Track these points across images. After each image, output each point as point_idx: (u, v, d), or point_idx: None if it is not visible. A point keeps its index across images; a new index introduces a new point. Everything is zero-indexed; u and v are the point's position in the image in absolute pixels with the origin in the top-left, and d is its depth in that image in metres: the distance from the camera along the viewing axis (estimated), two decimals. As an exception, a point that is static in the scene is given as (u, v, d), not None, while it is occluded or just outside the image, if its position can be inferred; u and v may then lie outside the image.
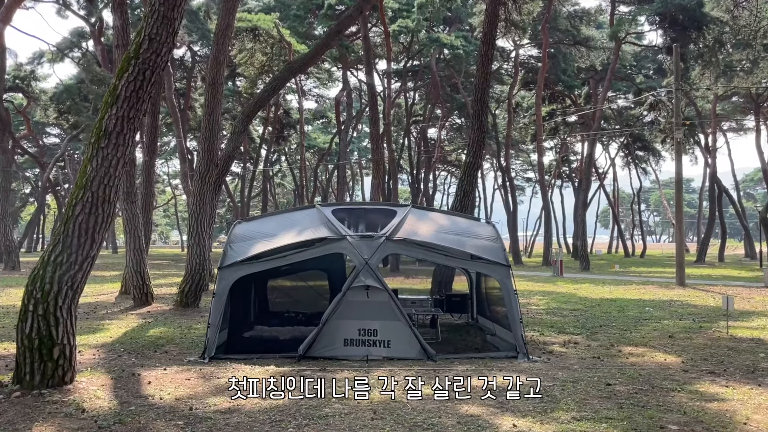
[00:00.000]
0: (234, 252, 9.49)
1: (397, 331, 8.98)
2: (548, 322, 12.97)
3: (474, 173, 15.05)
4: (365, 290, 9.01)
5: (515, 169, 75.59)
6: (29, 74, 44.83)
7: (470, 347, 9.95)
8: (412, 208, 10.59)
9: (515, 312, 9.19)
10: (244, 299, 10.83)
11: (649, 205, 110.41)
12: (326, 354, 8.87)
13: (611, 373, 8.02)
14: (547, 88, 47.39)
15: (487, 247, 9.62)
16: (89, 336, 10.95)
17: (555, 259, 31.87)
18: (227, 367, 8.26)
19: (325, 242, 9.35)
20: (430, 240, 9.63)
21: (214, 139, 15.72)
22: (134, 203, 15.74)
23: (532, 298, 18.27)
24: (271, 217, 11.10)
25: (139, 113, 7.24)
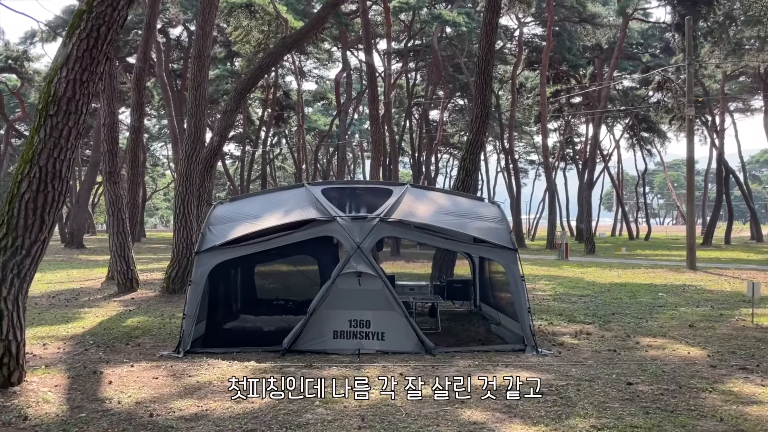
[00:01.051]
0: (213, 235, 8.62)
1: (392, 322, 8.12)
2: (556, 309, 12.12)
3: (477, 151, 14.14)
4: (357, 277, 8.15)
5: (518, 151, 74.49)
6: (22, 54, 43.80)
7: (473, 338, 9.11)
8: (410, 187, 9.70)
9: (522, 300, 8.33)
10: (228, 286, 9.99)
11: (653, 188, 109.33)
12: (314, 347, 8.02)
13: (631, 370, 7.16)
14: (551, 67, 46.23)
15: (492, 230, 8.73)
16: (60, 326, 10.12)
17: (559, 242, 31.00)
18: (202, 364, 7.42)
19: (314, 224, 8.48)
20: (428, 222, 8.75)
21: (200, 116, 14.80)
22: (117, 184, 14.85)
23: (537, 282, 17.42)
24: (256, 197, 10.23)
25: (94, 77, 6.33)
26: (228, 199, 9.94)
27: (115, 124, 14.76)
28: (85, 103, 6.33)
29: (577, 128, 61.59)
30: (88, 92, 6.33)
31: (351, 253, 8.21)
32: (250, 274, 11.06)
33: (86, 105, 6.36)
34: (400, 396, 6.14)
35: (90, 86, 6.32)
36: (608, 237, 66.01)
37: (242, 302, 10.79)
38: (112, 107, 14.72)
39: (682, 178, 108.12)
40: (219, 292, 9.36)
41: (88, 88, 6.31)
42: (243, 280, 10.97)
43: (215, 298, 8.82)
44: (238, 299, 10.83)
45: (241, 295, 10.92)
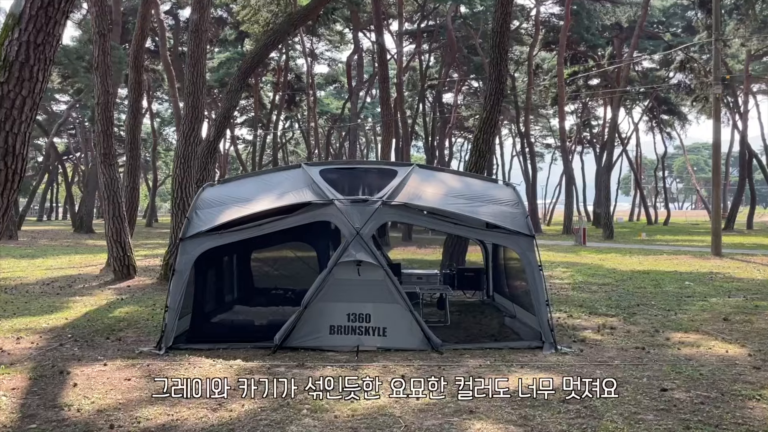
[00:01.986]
0: (199, 220, 7.87)
1: (395, 316, 7.34)
2: (576, 299, 11.27)
3: (490, 131, 13.25)
4: (356, 267, 7.37)
5: (534, 134, 73.18)
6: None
7: (485, 333, 8.30)
8: (417, 167, 8.87)
9: (540, 292, 7.51)
10: (219, 275, 9.25)
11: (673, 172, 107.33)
12: (308, 344, 7.27)
13: (663, 372, 6.33)
14: (569, 47, 44.89)
15: (506, 214, 7.90)
16: (42, 317, 9.46)
17: (577, 227, 30.03)
18: (183, 362, 6.69)
19: (309, 208, 7.70)
20: (436, 205, 7.93)
21: (198, 93, 14.01)
22: (112, 166, 14.17)
23: (554, 270, 16.55)
24: (249, 178, 9.46)
25: (52, 39, 5.55)
26: (218, 181, 9.18)
27: (110, 103, 14.03)
28: (42, 69, 5.55)
29: (595, 111, 60.23)
30: (44, 57, 5.54)
31: (350, 240, 7.43)
32: (245, 261, 10.32)
33: (43, 72, 5.58)
34: (400, 404, 5.37)
35: (47, 50, 5.54)
36: (626, 222, 64.72)
37: (238, 292, 10.06)
38: (106, 85, 13.99)
39: (702, 162, 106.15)
40: (208, 281, 8.63)
41: (45, 53, 5.53)
42: (239, 268, 10.23)
43: (203, 289, 8.08)
44: (234, 289, 10.10)
45: (237, 285, 10.19)
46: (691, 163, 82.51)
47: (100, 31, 13.50)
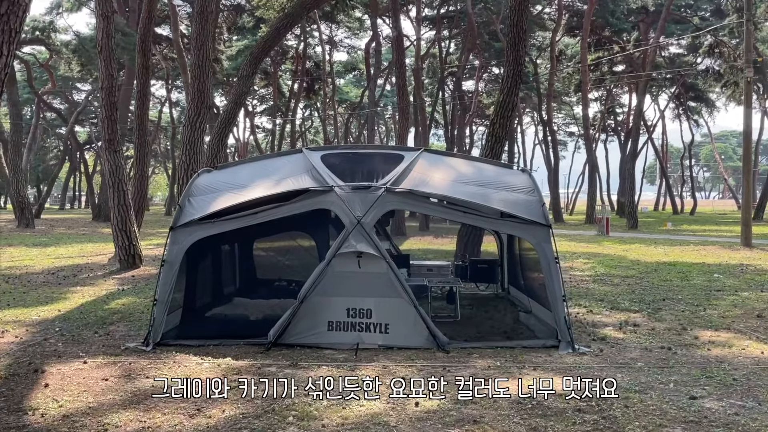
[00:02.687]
0: (192, 208, 7.39)
1: (398, 312, 6.81)
2: (597, 293, 10.64)
3: (508, 115, 12.60)
4: (356, 258, 6.84)
5: (557, 123, 71.95)
6: (48, 25, 43.14)
7: (497, 330, 7.73)
8: (425, 152, 8.30)
9: (556, 286, 6.92)
10: (216, 266, 8.78)
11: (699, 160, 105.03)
12: (304, 341, 6.77)
13: (692, 377, 5.72)
14: (593, 33, 43.73)
15: (521, 202, 7.31)
16: (36, 309, 9.08)
17: (600, 217, 29.19)
18: (168, 360, 6.23)
19: (307, 195, 7.18)
20: (444, 192, 7.37)
21: (204, 78, 13.56)
22: (117, 153, 13.77)
23: (575, 261, 15.89)
24: (247, 163, 8.95)
25: (17, 9, 5.06)
26: (216, 167, 8.69)
27: (113, 88, 13.61)
28: (6, 42, 5.07)
29: (620, 98, 58.85)
30: (9, 29, 5.06)
31: (350, 230, 6.90)
32: (247, 251, 9.84)
33: (8, 45, 5.11)
34: (396, 411, 4.85)
35: (12, 20, 5.06)
36: (651, 211, 63.38)
37: (239, 284, 9.60)
38: (110, 69, 13.56)
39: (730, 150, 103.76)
40: (202, 273, 8.18)
41: (9, 23, 5.04)
42: (241, 258, 9.77)
43: (194, 281, 7.61)
44: (236, 280, 9.64)
45: (240, 276, 9.73)
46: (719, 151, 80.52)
47: (104, 13, 13.07)
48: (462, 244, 12.23)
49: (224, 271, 9.13)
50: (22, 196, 29.59)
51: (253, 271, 9.97)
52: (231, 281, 9.45)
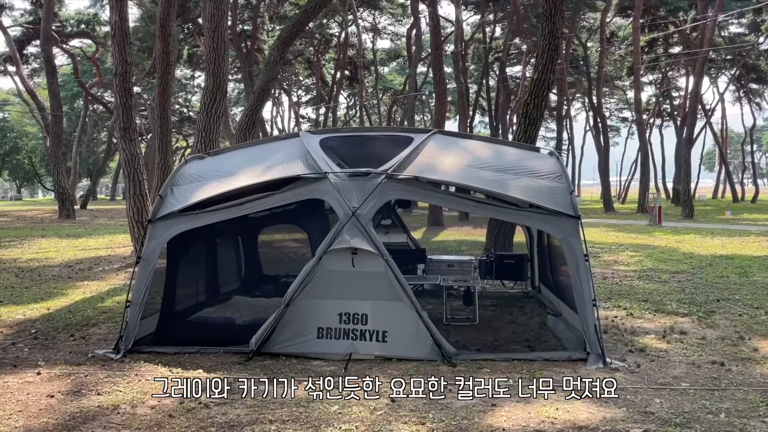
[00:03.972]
0: (173, 198, 6.64)
1: (398, 318, 5.90)
2: (641, 291, 9.49)
3: (543, 94, 11.47)
4: (350, 255, 5.96)
5: (609, 108, 69.39)
6: (93, 18, 43.56)
7: (518, 337, 6.73)
8: (438, 133, 7.34)
9: (585, 288, 5.89)
10: (212, 261, 8.02)
11: (762, 146, 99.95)
12: (291, 350, 5.94)
13: (750, 404, 4.64)
14: (647, 13, 41.58)
15: (545, 189, 6.28)
16: (26, 306, 8.55)
17: (652, 205, 27.51)
18: (131, 373, 5.48)
19: (299, 184, 6.33)
20: (453, 178, 6.40)
21: (219, 61, 12.83)
22: (132, 141, 13.21)
23: (620, 254, 14.63)
24: (243, 149, 8.13)
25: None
26: (209, 153, 7.92)
27: (128, 73, 13.03)
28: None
29: (676, 81, 56.07)
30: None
31: (344, 222, 6.02)
32: (252, 244, 9.05)
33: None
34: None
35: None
36: (709, 199, 60.46)
37: (242, 280, 8.85)
38: (124, 54, 12.98)
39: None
40: (189, 270, 7.43)
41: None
42: (245, 251, 9.00)
43: (175, 280, 6.84)
44: (240, 276, 8.90)
45: (244, 271, 8.98)
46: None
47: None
48: (492, 237, 11.19)
49: (222, 267, 8.37)
50: (63, 188, 29.78)
51: (258, 266, 9.20)
52: (233, 278, 8.70)
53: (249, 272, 8.95)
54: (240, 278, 8.93)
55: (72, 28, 43.60)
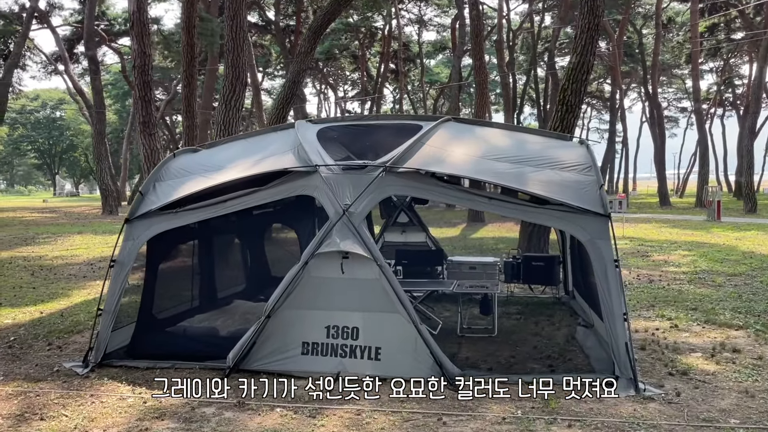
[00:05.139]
0: (155, 196, 6.04)
1: (393, 332, 5.12)
2: (690, 297, 8.42)
3: (582, 78, 10.46)
4: (340, 260, 5.22)
5: (666, 98, 66.62)
6: (140, 17, 43.99)
7: (539, 353, 5.85)
8: (452, 121, 6.52)
9: (615, 301, 4.99)
10: (208, 263, 7.39)
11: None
12: (272, 367, 5.24)
13: (816, 452, 3.69)
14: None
15: (570, 183, 5.40)
16: (23, 309, 8.15)
17: (710, 200, 25.79)
18: (88, 392, 4.88)
19: (287, 178, 5.62)
20: (460, 171, 5.56)
21: (238, 51, 12.27)
22: (152, 136, 12.84)
23: (672, 253, 13.43)
24: (240, 141, 7.43)
25: None
26: (204, 145, 7.28)
27: (147, 66, 12.66)
28: None
29: (738, 68, 53.17)
30: None
31: (334, 222, 5.28)
32: (258, 242, 8.39)
33: None
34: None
35: None
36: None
37: (247, 282, 8.21)
38: (143, 46, 12.63)
39: None
40: (174, 274, 6.83)
41: None
42: (252, 251, 8.37)
43: (154, 285, 6.22)
44: (244, 278, 8.28)
45: (251, 273, 8.35)
46: None
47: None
48: (525, 235, 10.27)
49: (222, 268, 7.74)
50: (107, 184, 30.03)
51: (266, 267, 8.54)
52: (237, 280, 8.07)
53: (255, 273, 8.31)
54: (246, 280, 8.30)
55: (120, 27, 44.14)
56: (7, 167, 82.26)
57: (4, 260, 13.39)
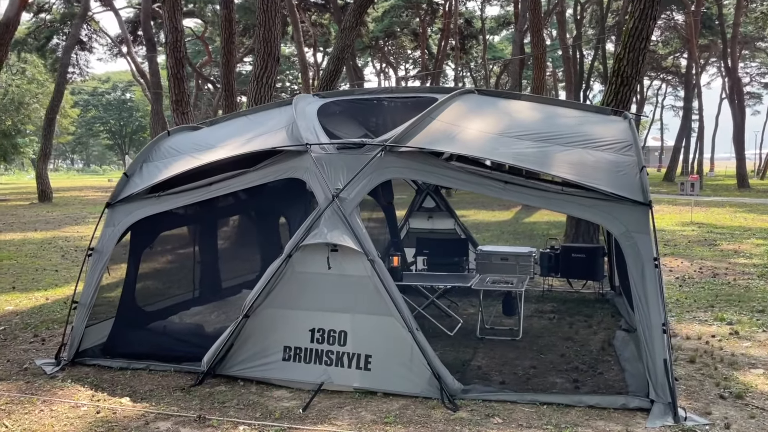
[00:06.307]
0: (140, 178, 5.49)
1: (386, 338, 4.41)
2: (758, 296, 7.32)
3: (640, 46, 9.33)
4: (327, 253, 4.54)
5: (749, 72, 62.51)
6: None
7: (566, 364, 5.00)
8: (469, 93, 5.70)
9: (652, 308, 4.12)
10: (210, 249, 6.85)
11: None
12: (250, 373, 4.63)
13: None
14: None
15: (604, 165, 4.52)
16: (29, 294, 7.89)
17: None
18: (42, 396, 4.40)
19: (277, 159, 4.96)
20: (473, 151, 4.75)
21: (270, 24, 11.64)
22: (185, 115, 12.44)
23: (744, 242, 12.10)
24: (241, 117, 6.76)
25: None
26: (206, 122, 6.70)
27: (179, 42, 12.24)
28: None
29: (832, 39, 49.15)
30: None
31: (323, 209, 4.59)
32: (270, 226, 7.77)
33: None
34: None
35: None
36: None
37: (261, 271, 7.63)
38: (175, 22, 12.20)
39: None
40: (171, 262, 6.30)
41: None
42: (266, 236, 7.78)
43: (135, 277, 5.68)
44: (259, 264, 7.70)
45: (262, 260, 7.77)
46: None
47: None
48: (572, 222, 9.32)
49: (229, 256, 7.19)
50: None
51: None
52: (249, 267, 7.49)
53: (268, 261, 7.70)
54: (261, 268, 7.72)
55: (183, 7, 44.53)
56: (82, 147, 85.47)
57: (44, 240, 13.38)
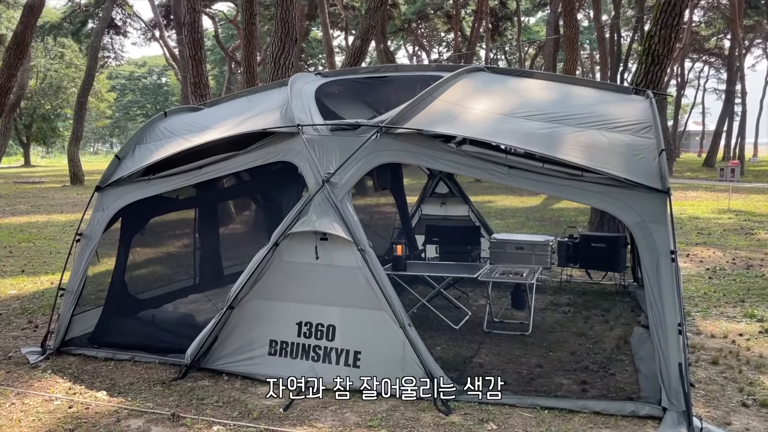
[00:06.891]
0: (131, 161, 5.28)
1: (377, 334, 4.11)
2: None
3: (672, 23, 8.75)
4: (315, 242, 4.25)
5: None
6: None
7: (575, 363, 4.63)
8: (477, 72, 5.31)
9: (668, 306, 3.74)
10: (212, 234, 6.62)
11: None
12: (235, 367, 4.39)
13: None
14: None
15: (617, 148, 4.13)
16: (36, 278, 7.80)
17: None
18: (21, 386, 4.23)
19: (268, 141, 4.68)
20: (475, 133, 4.39)
21: (288, 5, 11.35)
22: (204, 97, 12.22)
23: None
24: (241, 98, 6.44)
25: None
26: (207, 103, 6.45)
27: (197, 23, 12.04)
28: None
29: None
30: None
31: (312, 194, 4.30)
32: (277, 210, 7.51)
33: None
34: None
35: None
36: None
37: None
38: (193, 2, 11.96)
39: None
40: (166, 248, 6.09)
41: None
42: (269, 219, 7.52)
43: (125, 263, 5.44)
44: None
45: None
46: None
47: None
48: (597, 211, 8.85)
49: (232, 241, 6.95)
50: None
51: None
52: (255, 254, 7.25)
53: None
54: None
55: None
56: (120, 131, 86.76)
57: (67, 223, 13.40)
